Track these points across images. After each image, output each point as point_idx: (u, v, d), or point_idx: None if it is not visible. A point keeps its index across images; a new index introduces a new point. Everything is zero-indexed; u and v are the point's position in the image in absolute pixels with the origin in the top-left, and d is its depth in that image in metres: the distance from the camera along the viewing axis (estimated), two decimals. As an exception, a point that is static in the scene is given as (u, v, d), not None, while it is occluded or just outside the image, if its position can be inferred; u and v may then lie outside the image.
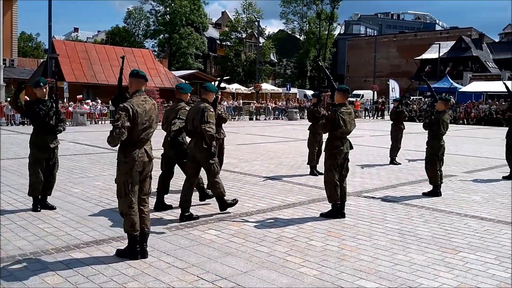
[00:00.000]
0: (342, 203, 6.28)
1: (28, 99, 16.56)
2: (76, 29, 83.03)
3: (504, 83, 10.97)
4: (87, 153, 12.61)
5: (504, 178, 9.61)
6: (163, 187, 6.65)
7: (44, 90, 6.27)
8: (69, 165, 10.22)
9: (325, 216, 6.24)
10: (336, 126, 6.09)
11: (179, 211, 6.32)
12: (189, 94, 6.82)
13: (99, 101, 26.71)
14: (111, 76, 34.33)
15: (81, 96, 27.66)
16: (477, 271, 4.41)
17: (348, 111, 6.23)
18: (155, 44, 64.48)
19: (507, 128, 10.01)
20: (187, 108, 6.38)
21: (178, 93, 6.69)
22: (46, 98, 6.32)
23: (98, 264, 4.35)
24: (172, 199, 7.01)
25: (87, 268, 4.25)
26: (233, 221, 5.94)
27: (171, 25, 58.09)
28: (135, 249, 4.52)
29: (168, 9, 59.59)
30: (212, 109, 5.98)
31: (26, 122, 21.86)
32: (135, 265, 4.35)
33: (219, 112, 7.00)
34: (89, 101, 26.86)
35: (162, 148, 6.78)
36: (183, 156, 6.38)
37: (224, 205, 6.31)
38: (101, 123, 25.40)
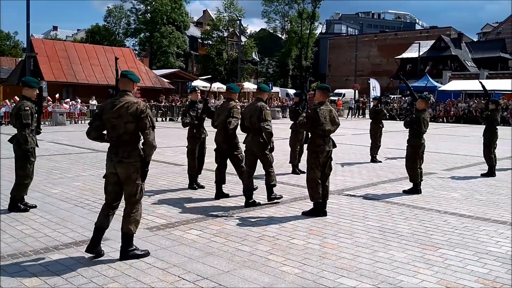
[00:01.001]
0: (324, 202, 6.31)
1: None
2: (55, 28, 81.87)
3: (480, 82, 11.14)
4: (66, 153, 12.45)
5: (483, 175, 9.76)
6: (220, 177, 7.27)
7: (37, 91, 6.31)
8: (48, 165, 10.07)
9: (307, 214, 6.26)
10: (317, 124, 6.13)
11: (161, 211, 6.31)
12: (237, 94, 7.45)
13: (79, 100, 26.38)
14: (91, 75, 33.98)
15: (58, 95, 27.29)
16: (456, 267, 4.47)
17: (328, 109, 6.26)
18: (136, 43, 64.09)
19: (484, 126, 10.16)
20: (238, 107, 7.16)
21: (228, 93, 7.40)
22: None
23: (78, 266, 4.29)
24: (155, 198, 6.96)
25: (66, 270, 4.19)
26: (215, 220, 5.92)
27: (152, 23, 57.68)
28: (91, 241, 4.51)
29: (149, 7, 59.18)
30: (268, 108, 6.72)
31: (4, 122, 21.46)
32: (115, 266, 4.30)
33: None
34: (68, 100, 26.52)
35: (215, 142, 7.28)
36: (234, 149, 7.08)
37: (271, 195, 6.84)
38: (81, 123, 25.08)
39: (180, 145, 14.57)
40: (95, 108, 26.62)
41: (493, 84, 32.65)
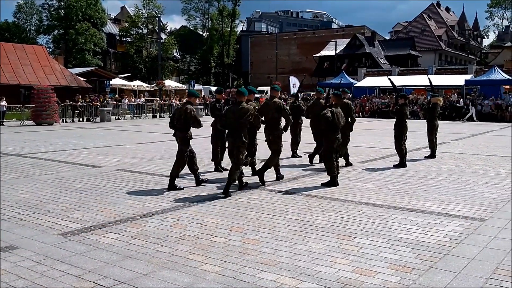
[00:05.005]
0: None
1: None
2: (-43, 23, 75.75)
3: (389, 79, 11.74)
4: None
5: (395, 166, 10.29)
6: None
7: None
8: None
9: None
10: None
11: (76, 215, 6.08)
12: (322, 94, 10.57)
13: (-13, 102, 24.60)
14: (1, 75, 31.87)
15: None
16: (370, 255, 4.66)
17: (239, 107, 7.34)
18: (50, 40, 60.95)
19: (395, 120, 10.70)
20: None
21: (318, 93, 10.87)
22: None
23: (-18, 279, 3.99)
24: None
25: (-31, 284, 3.89)
26: (134, 222, 5.76)
27: (66, 20, 55.09)
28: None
29: (62, 3, 56.41)
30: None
31: None
32: (25, 276, 4.05)
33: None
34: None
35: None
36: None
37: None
38: (-11, 125, 23.38)
39: (97, 146, 14.06)
40: (4, 109, 25.03)
41: (404, 80, 34.56)
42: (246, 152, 7.66)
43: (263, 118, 8.11)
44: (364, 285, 3.93)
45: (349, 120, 9.78)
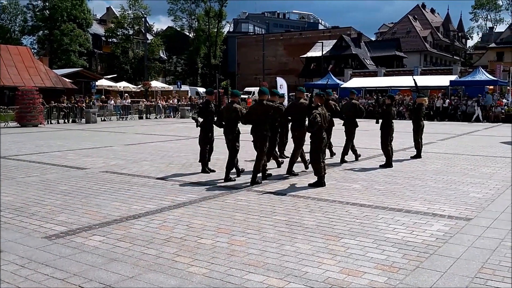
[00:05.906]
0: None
1: None
2: None
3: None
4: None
5: (381, 166, 10.35)
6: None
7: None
8: None
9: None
10: None
11: (61, 217, 6.00)
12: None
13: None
14: (-17, 76, 31.39)
15: None
16: (357, 255, 4.67)
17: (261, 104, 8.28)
18: (34, 41, 60.27)
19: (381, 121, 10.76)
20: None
21: (327, 95, 10.40)
22: None
23: (-36, 283, 3.92)
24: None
25: (-50, 289, 3.81)
26: (119, 225, 5.70)
27: (51, 20, 54.47)
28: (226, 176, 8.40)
29: (47, 3, 55.80)
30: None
31: None
32: (8, 280, 3.98)
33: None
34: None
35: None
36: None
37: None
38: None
39: (83, 148, 13.92)
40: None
41: (390, 81, 34.85)
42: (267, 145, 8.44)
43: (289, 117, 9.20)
44: (351, 286, 3.93)
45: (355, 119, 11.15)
